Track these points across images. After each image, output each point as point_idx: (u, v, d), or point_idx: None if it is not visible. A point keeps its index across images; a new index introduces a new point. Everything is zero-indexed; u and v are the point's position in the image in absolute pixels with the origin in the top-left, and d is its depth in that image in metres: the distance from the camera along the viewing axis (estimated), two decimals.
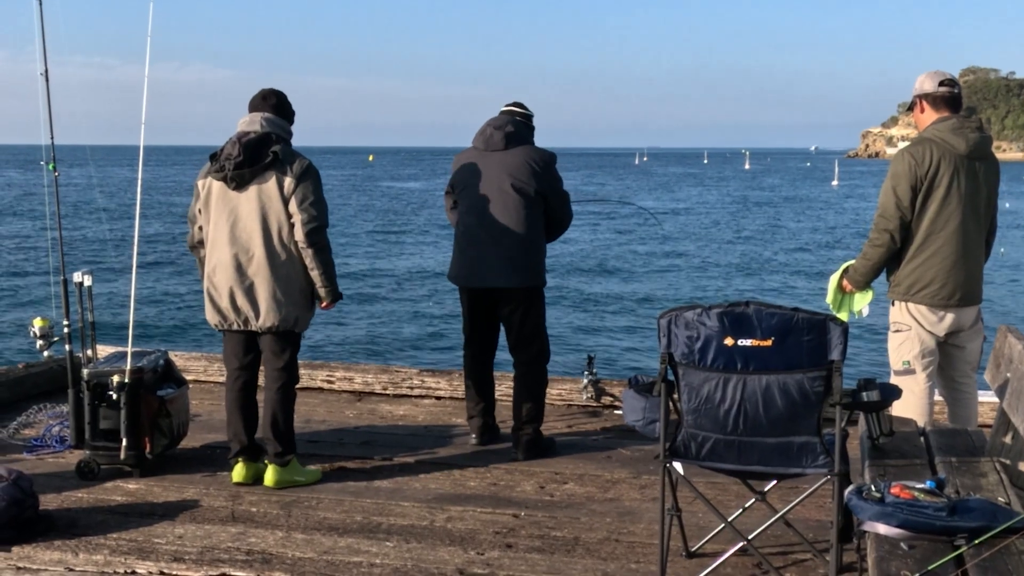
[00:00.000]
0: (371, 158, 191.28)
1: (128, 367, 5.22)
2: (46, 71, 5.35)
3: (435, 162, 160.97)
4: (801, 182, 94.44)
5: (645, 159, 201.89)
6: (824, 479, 3.76)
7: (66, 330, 5.58)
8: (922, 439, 4.27)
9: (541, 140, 5.84)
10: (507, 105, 5.85)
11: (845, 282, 5.32)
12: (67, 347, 5.58)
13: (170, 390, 5.47)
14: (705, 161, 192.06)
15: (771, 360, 3.63)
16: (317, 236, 4.99)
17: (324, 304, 5.19)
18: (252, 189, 4.96)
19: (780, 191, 76.16)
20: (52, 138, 5.37)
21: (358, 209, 52.76)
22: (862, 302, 5.36)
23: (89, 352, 5.73)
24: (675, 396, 3.81)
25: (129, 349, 5.36)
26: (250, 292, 5.01)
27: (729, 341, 3.65)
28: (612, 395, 6.77)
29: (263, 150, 4.94)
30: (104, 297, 19.43)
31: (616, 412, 6.66)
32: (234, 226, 4.99)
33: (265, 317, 5.02)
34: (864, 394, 3.91)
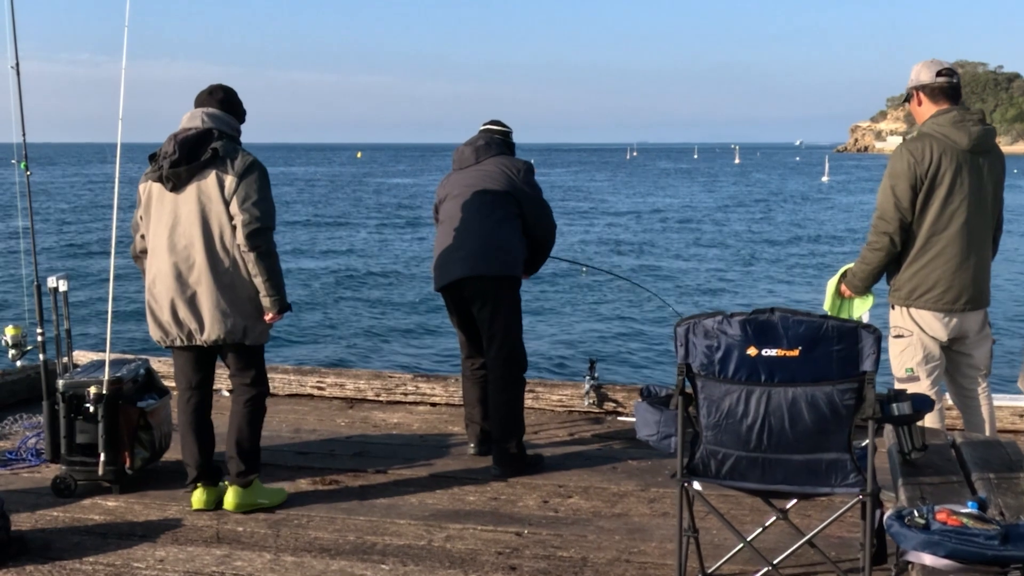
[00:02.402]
0: (359, 155, 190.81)
1: (106, 377, 4.92)
2: (17, 64, 5.03)
3: (424, 159, 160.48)
4: (792, 177, 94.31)
5: (635, 154, 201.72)
6: (855, 499, 3.49)
7: (40, 339, 5.28)
8: (953, 451, 3.99)
9: (529, 135, 5.59)
10: (484, 124, 5.74)
11: (844, 287, 5.03)
12: (41, 356, 5.27)
13: (151, 401, 5.18)
14: (695, 156, 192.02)
15: (798, 371, 3.36)
16: (259, 239, 4.53)
17: (269, 316, 4.70)
18: (191, 190, 4.54)
19: (768, 186, 76.01)
20: (24, 135, 5.06)
21: (349, 205, 52.44)
22: (862, 308, 5.07)
23: (66, 360, 5.43)
24: (692, 409, 3.54)
25: (107, 357, 5.06)
26: (192, 303, 4.58)
27: (752, 351, 3.38)
28: (615, 400, 6.49)
29: (202, 147, 4.53)
30: (83, 301, 19.11)
31: (620, 418, 6.40)
32: (173, 231, 4.57)
33: (210, 330, 4.60)
34: (895, 406, 3.64)
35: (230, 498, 4.71)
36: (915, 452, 3.73)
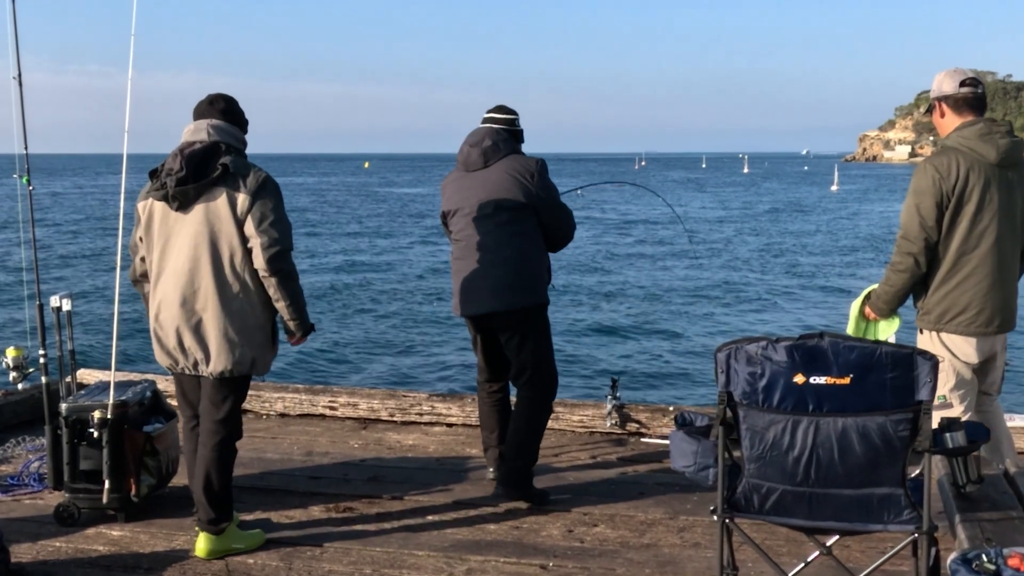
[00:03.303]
0: (367, 164, 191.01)
1: (111, 400, 4.72)
2: (19, 75, 4.84)
3: (431, 168, 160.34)
4: (802, 186, 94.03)
5: (644, 164, 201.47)
6: (910, 538, 3.26)
7: (42, 360, 5.07)
8: (1007, 482, 3.77)
9: (538, 145, 5.32)
10: (488, 112, 5.31)
11: (868, 310, 4.79)
12: (43, 379, 5.06)
13: (158, 424, 4.97)
14: (703, 166, 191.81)
15: (849, 400, 3.13)
16: (281, 261, 4.23)
17: (294, 340, 4.49)
18: (198, 209, 4.22)
19: (779, 195, 75.77)
20: (26, 148, 4.86)
21: (359, 215, 52.33)
22: (888, 331, 4.82)
23: (69, 380, 5.23)
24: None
25: (112, 378, 4.86)
26: (198, 331, 4.26)
27: (800, 379, 3.16)
28: (638, 421, 6.26)
29: (210, 163, 4.21)
30: (90, 318, 18.93)
31: (644, 440, 6.17)
32: (178, 254, 4.26)
33: (216, 361, 4.28)
34: (948, 436, 3.42)
35: (201, 545, 4.36)
36: (970, 485, 3.51)
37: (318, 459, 5.82)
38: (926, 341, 4.55)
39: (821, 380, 3.14)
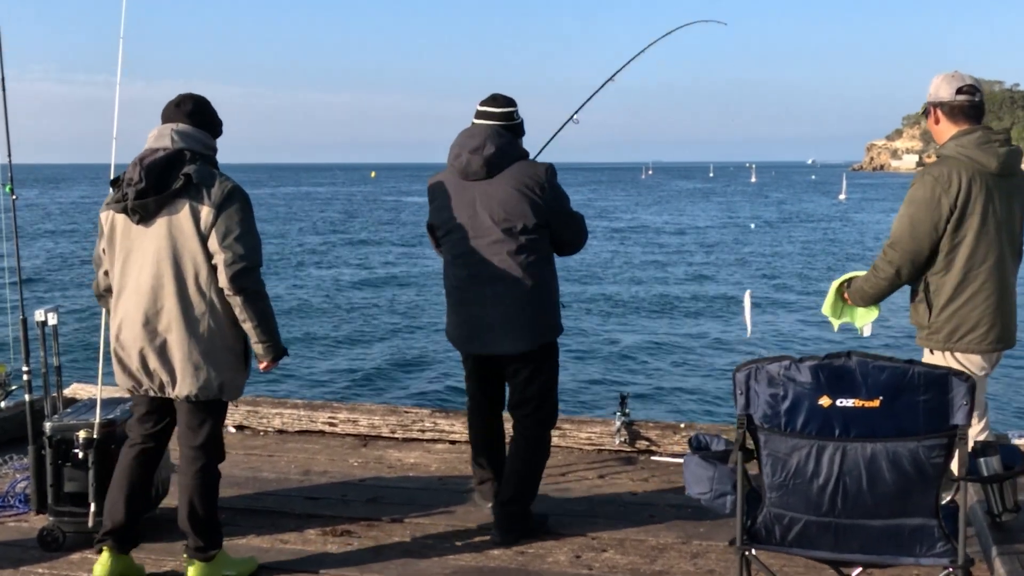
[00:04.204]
0: (373, 175, 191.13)
1: (97, 419, 4.51)
2: (3, 80, 4.64)
3: None
4: (811, 196, 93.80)
5: (651, 173, 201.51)
6: (944, 572, 3.03)
7: (25, 377, 4.86)
8: None
9: (547, 154, 5.06)
10: (482, 104, 4.66)
11: (847, 294, 4.58)
12: (27, 397, 4.86)
13: None
14: (711, 175, 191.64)
15: (879, 424, 2.93)
16: (245, 279, 3.92)
17: (263, 364, 4.14)
18: (160, 223, 3.94)
19: (788, 205, 75.55)
20: (10, 156, 4.66)
21: (365, 224, 52.20)
22: (866, 318, 4.64)
23: (55, 397, 5.02)
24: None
25: (99, 395, 4.66)
26: (163, 353, 3.98)
27: (825, 401, 2.95)
28: (648, 439, 6.04)
29: (172, 173, 3.91)
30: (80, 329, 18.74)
31: (654, 458, 5.94)
32: (140, 270, 3.98)
33: (181, 384, 3.99)
34: (982, 461, 3.20)
35: (192, 574, 4.12)
36: (1007, 514, 3.28)
37: (316, 479, 5.60)
38: (937, 362, 4.28)
39: (848, 402, 2.93)
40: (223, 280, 3.92)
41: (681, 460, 5.84)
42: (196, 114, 4.09)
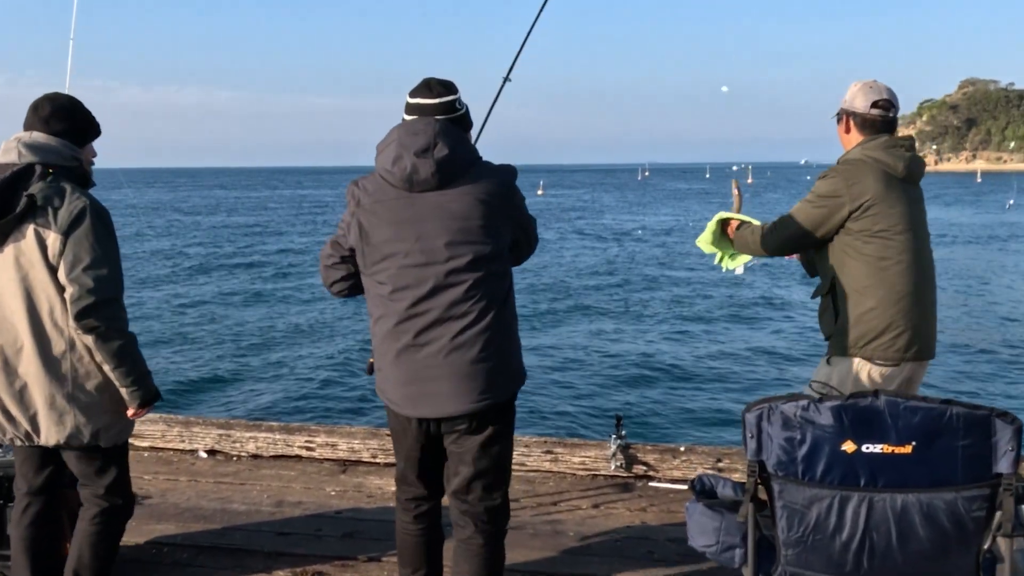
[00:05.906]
0: None
1: None
2: None
3: None
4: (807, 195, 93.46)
5: (647, 174, 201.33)
6: None
7: None
8: None
9: (537, 157, 4.67)
10: (412, 96, 3.50)
11: (731, 229, 4.42)
12: None
13: None
14: (707, 176, 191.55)
15: (911, 473, 2.55)
16: (94, 316, 3.38)
17: (130, 412, 3.60)
18: (8, 252, 3.44)
19: (785, 206, 75.16)
20: None
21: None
22: (742, 259, 4.47)
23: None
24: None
25: None
26: (22, 397, 3.49)
27: (849, 446, 2.57)
28: (645, 463, 5.65)
29: (18, 193, 3.39)
30: None
31: (652, 484, 5.56)
32: None
33: (47, 432, 3.50)
34: None
35: None
36: None
37: (289, 510, 5.21)
38: (836, 370, 3.93)
39: (876, 448, 2.55)
40: (70, 317, 3.41)
41: (681, 487, 5.47)
42: (56, 119, 3.57)
